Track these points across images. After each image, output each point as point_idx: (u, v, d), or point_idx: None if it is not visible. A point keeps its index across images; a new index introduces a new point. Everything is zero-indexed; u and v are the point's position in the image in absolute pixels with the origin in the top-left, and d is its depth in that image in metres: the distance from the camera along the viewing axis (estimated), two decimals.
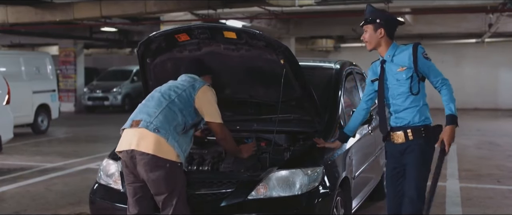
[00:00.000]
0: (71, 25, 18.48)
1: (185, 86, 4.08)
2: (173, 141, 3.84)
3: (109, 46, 26.75)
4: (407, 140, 4.07)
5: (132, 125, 3.94)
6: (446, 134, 3.91)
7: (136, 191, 3.96)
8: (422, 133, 4.03)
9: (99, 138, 13.61)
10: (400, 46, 4.13)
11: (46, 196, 7.27)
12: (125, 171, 3.99)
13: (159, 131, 3.82)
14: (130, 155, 3.86)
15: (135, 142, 3.84)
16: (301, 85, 4.39)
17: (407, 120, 4.06)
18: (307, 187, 4.04)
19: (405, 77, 4.04)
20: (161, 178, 3.81)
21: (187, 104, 4.00)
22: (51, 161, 9.94)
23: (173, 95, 4.02)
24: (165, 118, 3.88)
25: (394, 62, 4.08)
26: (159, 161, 3.80)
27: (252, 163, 4.24)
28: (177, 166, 3.87)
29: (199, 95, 4.04)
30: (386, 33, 4.08)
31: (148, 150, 3.79)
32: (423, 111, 4.07)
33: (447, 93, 3.99)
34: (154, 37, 4.40)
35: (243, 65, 4.50)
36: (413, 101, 4.05)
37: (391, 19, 4.15)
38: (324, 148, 4.38)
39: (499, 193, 7.30)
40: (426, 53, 4.04)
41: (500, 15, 16.60)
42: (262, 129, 4.65)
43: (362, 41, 4.26)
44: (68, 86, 22.92)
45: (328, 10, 16.02)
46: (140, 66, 4.69)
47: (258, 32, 4.21)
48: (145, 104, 4.06)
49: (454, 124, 3.92)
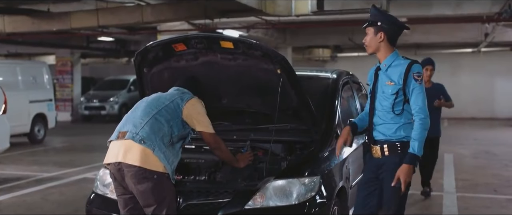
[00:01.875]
0: (68, 35, 18.48)
1: (173, 97, 4.06)
2: (159, 152, 3.81)
3: (106, 55, 26.74)
4: (383, 155, 3.94)
5: (119, 136, 3.91)
6: (402, 172, 3.77)
7: (127, 202, 3.95)
8: (398, 149, 3.89)
9: (96, 148, 13.55)
10: (399, 57, 3.95)
11: (42, 206, 7.25)
12: (114, 183, 3.98)
13: (145, 142, 3.80)
14: (118, 167, 3.85)
15: (122, 154, 3.82)
16: (298, 95, 4.39)
17: (385, 135, 3.94)
18: (304, 196, 4.03)
19: (390, 92, 3.90)
20: (149, 189, 3.78)
21: (174, 115, 3.97)
22: (47, 171, 9.91)
23: (160, 105, 3.99)
24: (151, 129, 3.86)
25: (387, 73, 3.94)
26: (146, 173, 3.77)
27: (249, 172, 4.24)
28: (164, 177, 3.84)
29: (188, 106, 4.01)
30: (386, 38, 3.91)
31: (135, 162, 3.77)
32: (404, 128, 3.89)
33: (418, 128, 3.79)
34: (151, 46, 4.41)
35: (240, 74, 4.50)
36: (393, 118, 3.91)
37: (394, 23, 3.95)
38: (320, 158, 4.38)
39: (496, 203, 7.30)
40: (419, 74, 3.84)
41: (496, 25, 16.66)
42: (259, 138, 4.65)
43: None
44: (64, 96, 22.88)
45: (324, 19, 16.06)
46: (137, 76, 4.69)
47: (255, 41, 4.22)
48: (131, 115, 4.03)
49: (413, 164, 3.79)
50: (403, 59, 3.94)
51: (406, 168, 3.78)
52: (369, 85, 4.13)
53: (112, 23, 14.54)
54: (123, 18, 13.92)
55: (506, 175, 9.42)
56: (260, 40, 16.99)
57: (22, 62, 17.37)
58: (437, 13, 15.13)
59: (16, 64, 15.06)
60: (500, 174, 9.51)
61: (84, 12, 14.28)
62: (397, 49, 4.03)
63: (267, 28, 18.14)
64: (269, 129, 4.59)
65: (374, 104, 4.02)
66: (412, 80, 3.84)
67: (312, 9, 12.74)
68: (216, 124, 4.51)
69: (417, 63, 3.91)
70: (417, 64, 3.90)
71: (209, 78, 4.47)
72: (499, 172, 9.67)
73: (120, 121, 4.05)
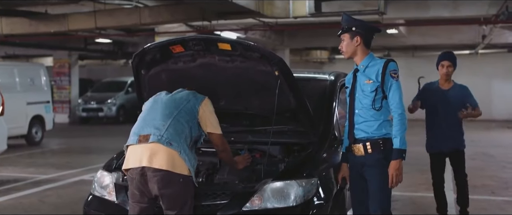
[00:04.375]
0: (65, 37, 18.48)
1: (188, 97, 4.04)
2: (184, 155, 3.77)
3: (104, 57, 26.74)
4: (366, 153, 4.09)
5: (140, 140, 3.82)
6: (392, 168, 3.96)
7: (142, 211, 3.86)
8: (381, 146, 4.05)
9: (93, 150, 13.56)
10: (375, 58, 4.15)
11: (39, 208, 7.23)
12: (131, 189, 3.88)
13: (171, 144, 3.74)
14: (141, 172, 3.76)
15: (146, 159, 3.73)
16: (296, 97, 4.39)
17: (366, 133, 4.09)
18: (301, 198, 4.03)
19: (369, 90, 4.07)
20: (176, 193, 3.75)
21: (192, 115, 3.95)
22: (44, 173, 9.89)
23: (179, 106, 3.96)
24: (175, 131, 3.80)
25: (365, 73, 4.12)
26: (173, 176, 3.72)
27: (246, 174, 4.24)
28: (189, 180, 3.81)
29: (203, 106, 4.02)
30: (362, 41, 4.10)
31: (162, 166, 3.70)
32: (385, 125, 4.08)
33: (397, 124, 3.98)
34: (149, 48, 4.40)
35: (238, 76, 4.49)
36: (374, 115, 4.08)
37: (367, 27, 4.16)
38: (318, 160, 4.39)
39: (493, 205, 7.31)
40: (395, 72, 4.04)
41: (494, 27, 16.69)
42: (256, 140, 4.65)
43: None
44: (62, 97, 22.87)
45: (322, 21, 16.08)
46: (135, 78, 4.68)
47: (253, 43, 4.21)
48: (149, 117, 3.97)
49: (400, 158, 3.95)
50: (379, 59, 4.14)
51: (394, 164, 3.96)
52: (348, 87, 4.28)
53: (109, 25, 14.54)
54: (120, 20, 13.92)
55: (503, 177, 9.43)
56: (258, 42, 17.00)
57: (19, 64, 17.40)
58: (434, 15, 15.16)
59: (14, 66, 15.07)
60: (497, 176, 9.52)
61: (81, 14, 14.28)
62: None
63: (264, 30, 18.15)
64: (267, 131, 4.59)
65: (353, 104, 4.18)
66: (389, 78, 4.03)
67: (310, 11, 12.76)
68: None
69: (393, 61, 4.10)
70: (393, 62, 4.11)
71: (207, 80, 4.46)
72: (496, 174, 9.68)
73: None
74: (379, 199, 4.07)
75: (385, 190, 4.08)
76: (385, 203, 4.10)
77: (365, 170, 4.12)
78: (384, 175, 4.04)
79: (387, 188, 4.06)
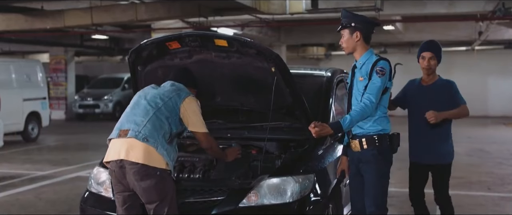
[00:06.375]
0: (61, 33, 18.44)
1: (171, 94, 4.06)
2: (162, 150, 3.83)
3: (100, 53, 26.66)
4: (362, 148, 4.11)
5: (120, 134, 3.92)
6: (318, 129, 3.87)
7: (125, 200, 3.96)
8: (376, 142, 4.07)
9: (90, 146, 13.55)
10: (373, 55, 4.12)
11: (36, 204, 7.23)
12: (113, 180, 3.98)
13: (148, 140, 3.81)
14: (120, 165, 3.85)
15: (124, 152, 3.82)
16: (292, 93, 4.39)
17: (362, 128, 4.11)
18: (298, 194, 4.03)
19: (362, 87, 4.08)
20: (152, 186, 3.80)
21: (173, 113, 3.98)
22: (41, 169, 9.88)
23: (160, 103, 3.99)
24: (153, 127, 3.87)
25: (361, 70, 4.12)
26: (149, 169, 3.79)
27: (243, 170, 4.24)
28: (167, 174, 3.87)
29: (185, 104, 4.02)
30: (362, 37, 4.09)
31: (138, 159, 3.78)
32: (380, 121, 4.09)
33: (357, 109, 3.96)
34: (145, 44, 4.40)
35: (234, 73, 4.50)
36: None
37: (366, 22, 4.15)
38: (314, 156, 4.39)
39: (490, 200, 7.33)
40: (381, 69, 3.98)
41: (490, 23, 16.73)
42: (253, 136, 4.65)
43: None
44: (58, 94, 22.84)
45: (319, 18, 16.07)
46: (131, 74, 4.68)
47: (249, 40, 4.22)
48: (131, 112, 4.03)
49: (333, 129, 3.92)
50: (376, 57, 4.12)
51: (323, 127, 3.89)
52: (348, 83, 4.31)
53: (106, 21, 14.51)
54: (117, 16, 13.90)
55: (499, 173, 9.46)
56: (255, 38, 16.98)
57: (15, 60, 17.33)
58: (431, 12, 15.18)
59: (10, 62, 15.01)
60: (493, 172, 9.55)
61: (78, 10, 14.25)
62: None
63: (261, 27, 18.15)
64: (263, 127, 4.60)
65: (351, 100, 4.20)
66: (374, 74, 4.01)
67: (307, 7, 12.79)
68: (210, 122, 4.53)
69: (385, 60, 4.08)
70: (384, 60, 4.07)
71: (203, 76, 4.46)
72: (492, 170, 9.70)
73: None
74: (373, 195, 4.08)
75: (380, 186, 4.10)
76: (380, 199, 4.11)
77: (361, 165, 4.15)
78: (379, 171, 4.07)
79: (382, 184, 4.09)
